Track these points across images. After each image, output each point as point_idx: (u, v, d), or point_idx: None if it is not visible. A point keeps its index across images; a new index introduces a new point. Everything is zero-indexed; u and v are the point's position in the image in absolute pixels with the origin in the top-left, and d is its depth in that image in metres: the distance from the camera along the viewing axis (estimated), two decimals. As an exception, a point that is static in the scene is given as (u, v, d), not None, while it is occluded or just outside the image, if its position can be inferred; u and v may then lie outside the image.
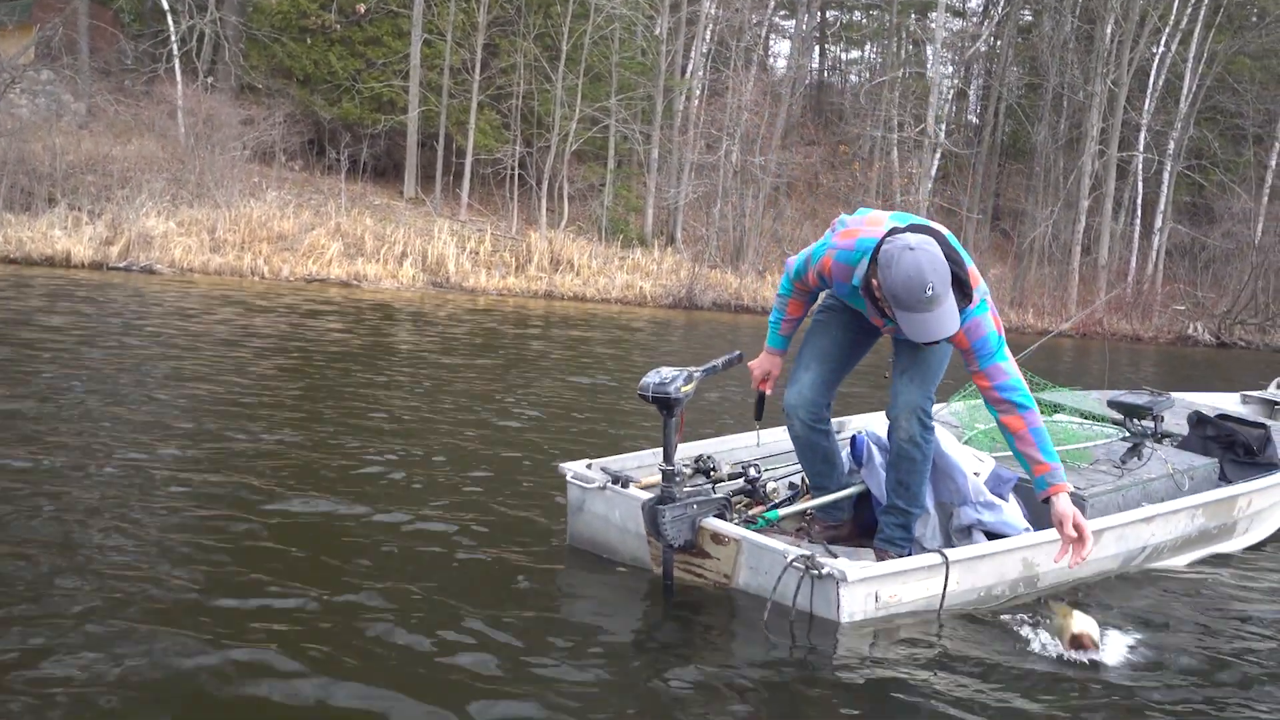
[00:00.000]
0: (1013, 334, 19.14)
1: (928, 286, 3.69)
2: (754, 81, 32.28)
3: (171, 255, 20.99)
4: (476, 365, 11.14)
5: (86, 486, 4.99)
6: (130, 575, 3.91)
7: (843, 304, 4.46)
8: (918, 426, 4.28)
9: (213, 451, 5.92)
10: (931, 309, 3.73)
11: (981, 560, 4.17)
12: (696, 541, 4.17)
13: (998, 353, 4.00)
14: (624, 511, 4.46)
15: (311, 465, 5.86)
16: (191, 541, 4.35)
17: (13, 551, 4.02)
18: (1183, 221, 36.25)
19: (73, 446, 5.71)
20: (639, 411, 8.34)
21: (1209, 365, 22.06)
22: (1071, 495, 4.45)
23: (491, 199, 30.08)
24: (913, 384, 4.29)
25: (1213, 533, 5.23)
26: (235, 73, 29.21)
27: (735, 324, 22.01)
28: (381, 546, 4.53)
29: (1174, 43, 34.92)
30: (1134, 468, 5.23)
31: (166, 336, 11.12)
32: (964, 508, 4.53)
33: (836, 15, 49.79)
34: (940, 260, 3.75)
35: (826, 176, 37.85)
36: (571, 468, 4.71)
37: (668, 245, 29.93)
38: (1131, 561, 4.83)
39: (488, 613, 3.81)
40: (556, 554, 4.65)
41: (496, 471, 6.09)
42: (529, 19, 29.56)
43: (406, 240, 24.27)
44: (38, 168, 22.65)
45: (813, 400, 4.47)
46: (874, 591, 3.89)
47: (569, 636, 3.70)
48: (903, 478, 4.36)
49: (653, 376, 4.07)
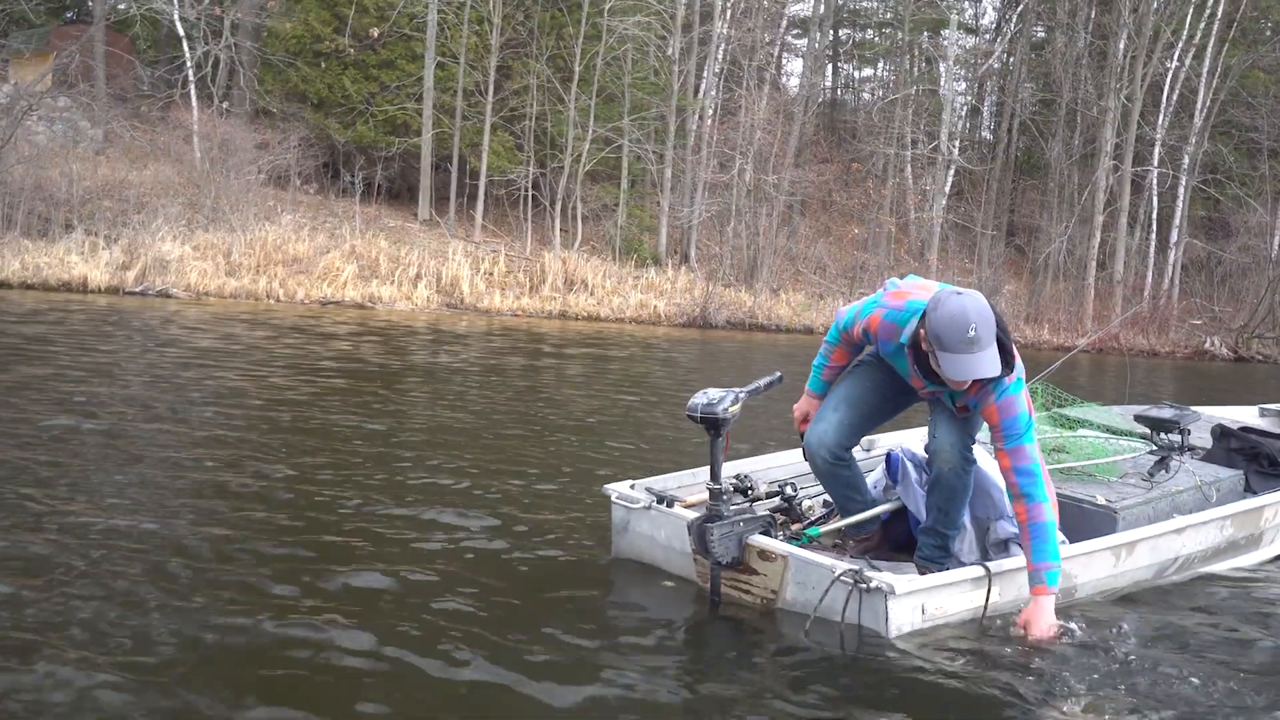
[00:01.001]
0: (1028, 350, 19.07)
1: (971, 327, 3.80)
2: (766, 100, 32.35)
3: (187, 279, 21.12)
4: (500, 384, 11.15)
5: (192, 499, 5.02)
6: (224, 579, 4.10)
7: (881, 362, 4.50)
8: (959, 459, 4.30)
9: (258, 465, 5.97)
10: (973, 350, 3.83)
11: (1022, 572, 4.19)
12: (744, 558, 4.21)
13: (1025, 434, 4.05)
14: (669, 531, 4.50)
15: (352, 479, 5.99)
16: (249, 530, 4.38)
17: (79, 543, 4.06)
18: (1198, 236, 36.10)
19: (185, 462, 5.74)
20: (672, 431, 8.43)
21: (1227, 379, 21.94)
22: (1103, 508, 4.65)
23: (505, 220, 30.18)
24: (954, 423, 4.30)
25: (1241, 543, 5.26)
26: (250, 97, 29.43)
27: (750, 342, 21.99)
28: (424, 559, 4.60)
29: (1188, 57, 34.83)
30: (1162, 480, 5.24)
31: (216, 355, 11.18)
32: (1000, 522, 4.57)
33: (849, 34, 49.89)
34: (986, 309, 3.87)
35: (840, 194, 37.84)
36: (616, 488, 4.76)
37: (681, 264, 29.96)
38: (1165, 572, 4.86)
39: (532, 627, 3.86)
40: (601, 570, 4.70)
41: (535, 490, 6.14)
42: (541, 41, 29.70)
43: (421, 262, 24.37)
44: (55, 194, 22.86)
45: (835, 443, 4.47)
46: (921, 604, 3.95)
47: (614, 647, 3.75)
48: (943, 504, 4.39)
49: (700, 398, 4.12)
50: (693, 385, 5.47)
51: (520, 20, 29.78)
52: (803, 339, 24.65)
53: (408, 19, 29.11)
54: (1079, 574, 4.43)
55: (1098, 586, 4.53)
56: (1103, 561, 4.54)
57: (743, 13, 35.52)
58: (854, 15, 49.03)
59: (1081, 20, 36.03)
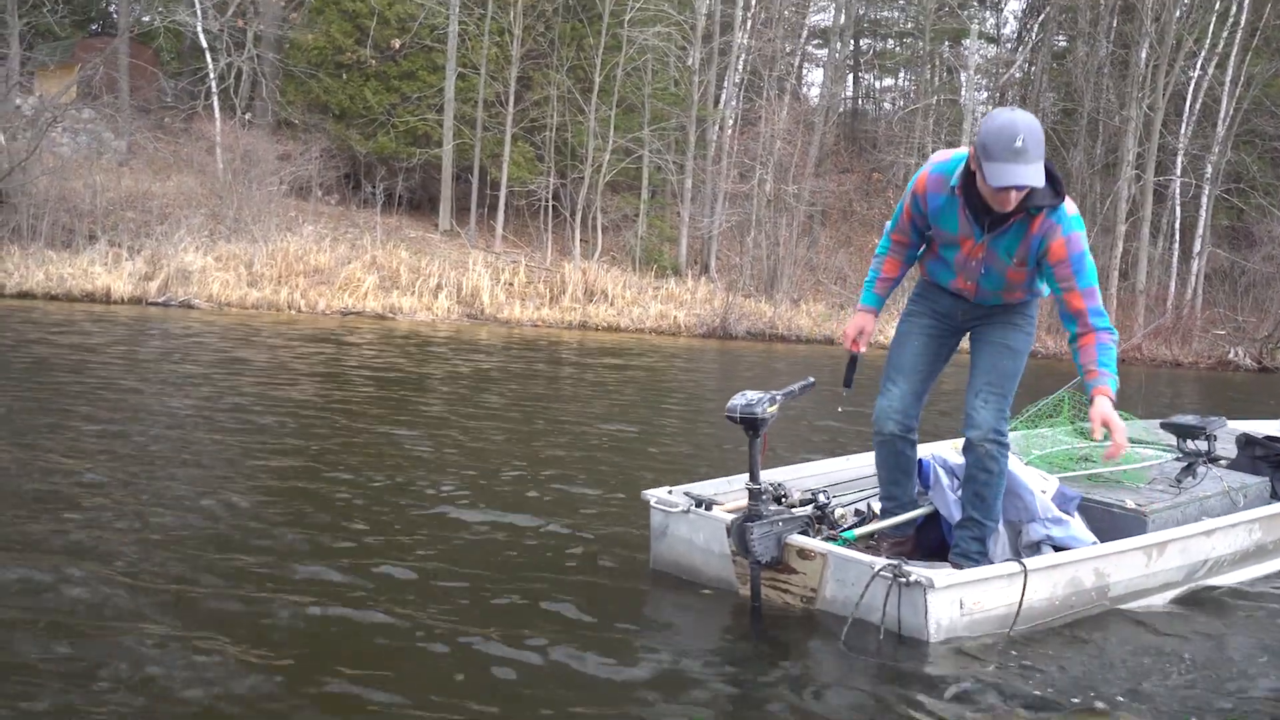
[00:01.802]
0: (1051, 360, 19.00)
1: (1019, 138, 3.85)
2: (787, 110, 32.33)
3: (209, 290, 21.23)
4: (528, 393, 11.17)
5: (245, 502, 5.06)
6: (271, 580, 4.22)
7: (924, 308, 4.62)
8: (994, 445, 4.40)
9: (297, 471, 6.00)
10: (1018, 161, 3.87)
11: (1057, 569, 4.31)
12: (783, 558, 4.27)
13: (1094, 275, 4.15)
14: (708, 534, 4.55)
15: (400, 483, 6.16)
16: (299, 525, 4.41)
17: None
18: (1222, 245, 35.88)
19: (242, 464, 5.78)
20: (704, 439, 8.55)
21: (1251, 390, 21.79)
22: (1133, 512, 4.85)
23: (526, 231, 30.23)
24: (988, 406, 4.40)
25: (1269, 548, 5.34)
26: (272, 108, 29.59)
27: (770, 352, 21.96)
28: (462, 564, 4.70)
29: (1210, 66, 34.66)
30: (1189, 486, 5.33)
31: (254, 365, 11.24)
32: (1032, 524, 4.67)
33: (870, 43, 49.84)
34: (1037, 126, 3.92)
35: (860, 204, 37.79)
36: (654, 494, 4.81)
37: (702, 275, 29.95)
38: (1194, 575, 4.92)
39: (573, 630, 3.93)
40: (640, 577, 4.75)
41: (570, 496, 6.24)
42: (562, 52, 29.77)
43: (441, 272, 24.43)
44: (79, 205, 23.01)
45: (903, 410, 4.61)
46: (959, 598, 4.01)
47: (654, 652, 3.80)
48: (979, 490, 4.46)
49: (739, 399, 4.20)
50: (722, 392, 5.54)
51: (541, 31, 29.87)
52: (823, 349, 24.60)
53: (429, 30, 29.23)
54: (1112, 573, 4.49)
55: (1130, 586, 4.59)
56: (1135, 561, 4.60)
57: (763, 23, 35.54)
58: (875, 25, 48.94)
59: (1103, 29, 35.89)
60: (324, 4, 29.59)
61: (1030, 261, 4.20)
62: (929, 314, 4.63)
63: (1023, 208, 4.08)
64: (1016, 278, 4.28)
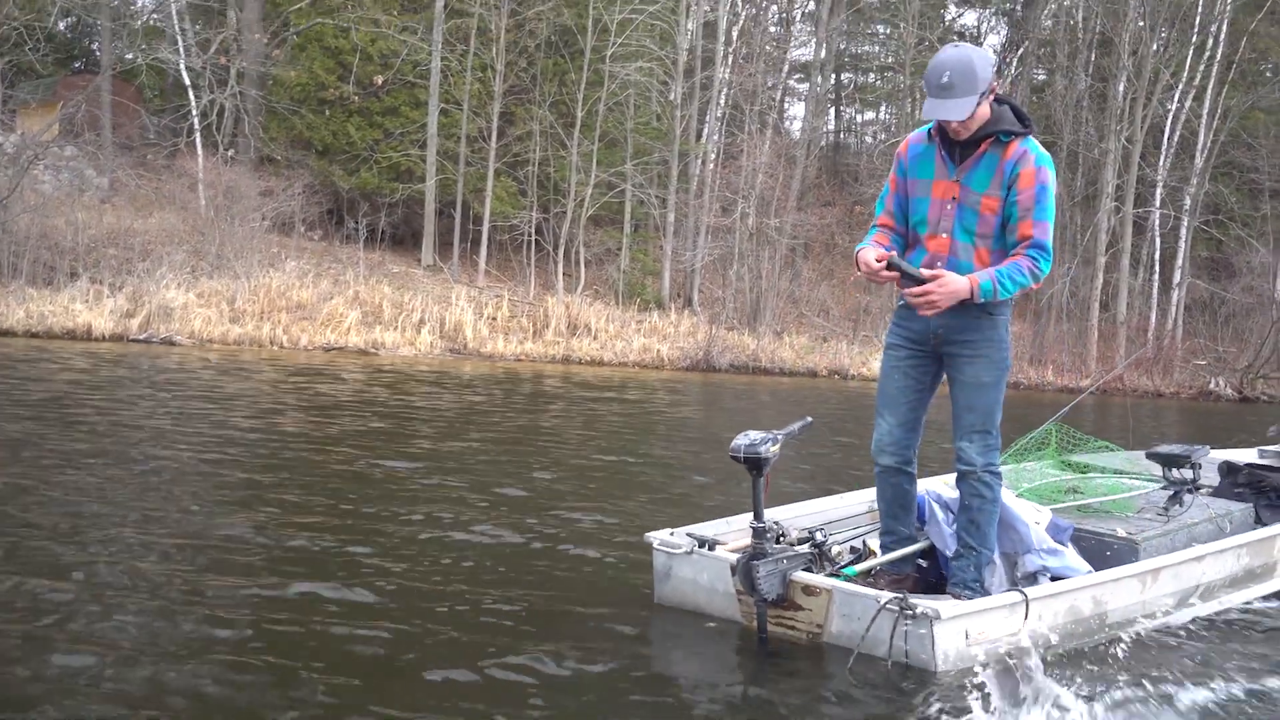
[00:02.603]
0: (1032, 391, 19.08)
1: (944, 74, 4.24)
2: (769, 144, 32.50)
3: (191, 326, 21.17)
4: (517, 427, 11.15)
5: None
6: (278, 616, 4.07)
7: (900, 338, 4.71)
8: (986, 474, 4.54)
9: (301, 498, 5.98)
10: (943, 97, 4.26)
11: (1057, 598, 4.39)
12: (788, 595, 4.31)
13: (1050, 213, 4.36)
14: (712, 574, 4.59)
15: (401, 517, 6.16)
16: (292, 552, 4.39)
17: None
18: (1201, 276, 36.15)
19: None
20: (695, 476, 8.52)
21: (1232, 420, 21.88)
22: (1125, 540, 5.01)
23: (509, 265, 30.27)
24: (974, 444, 4.53)
25: (1256, 572, 5.43)
26: (255, 145, 29.62)
27: (753, 385, 21.99)
28: (461, 596, 4.64)
29: (1188, 99, 35.03)
30: (1177, 514, 5.47)
31: (247, 400, 11.19)
32: (1028, 555, 4.77)
33: (851, 77, 50.22)
34: (967, 62, 4.27)
35: (842, 237, 37.90)
36: (657, 536, 4.83)
37: (685, 308, 30.02)
38: (1186, 601, 5.00)
39: (578, 667, 3.94)
40: (644, 611, 4.77)
41: (569, 529, 6.29)
42: (544, 87, 29.92)
43: (424, 307, 24.43)
44: (60, 242, 22.96)
45: (896, 442, 4.72)
46: (965, 629, 4.06)
47: (661, 683, 3.87)
48: (974, 517, 4.56)
49: (743, 439, 4.27)
50: (710, 425, 5.57)
51: (523, 67, 30.01)
52: (806, 382, 24.66)
53: (411, 66, 29.34)
54: (1109, 600, 4.58)
55: (1126, 613, 4.66)
56: (1129, 588, 4.68)
57: (744, 58, 35.80)
58: (856, 59, 49.37)
59: (1081, 63, 36.25)
60: (307, 40, 29.69)
61: (1002, 188, 4.37)
62: (905, 344, 4.70)
63: (991, 135, 4.38)
64: (989, 211, 4.41)
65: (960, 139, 4.42)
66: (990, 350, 4.52)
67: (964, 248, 4.46)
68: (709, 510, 6.32)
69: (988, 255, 4.44)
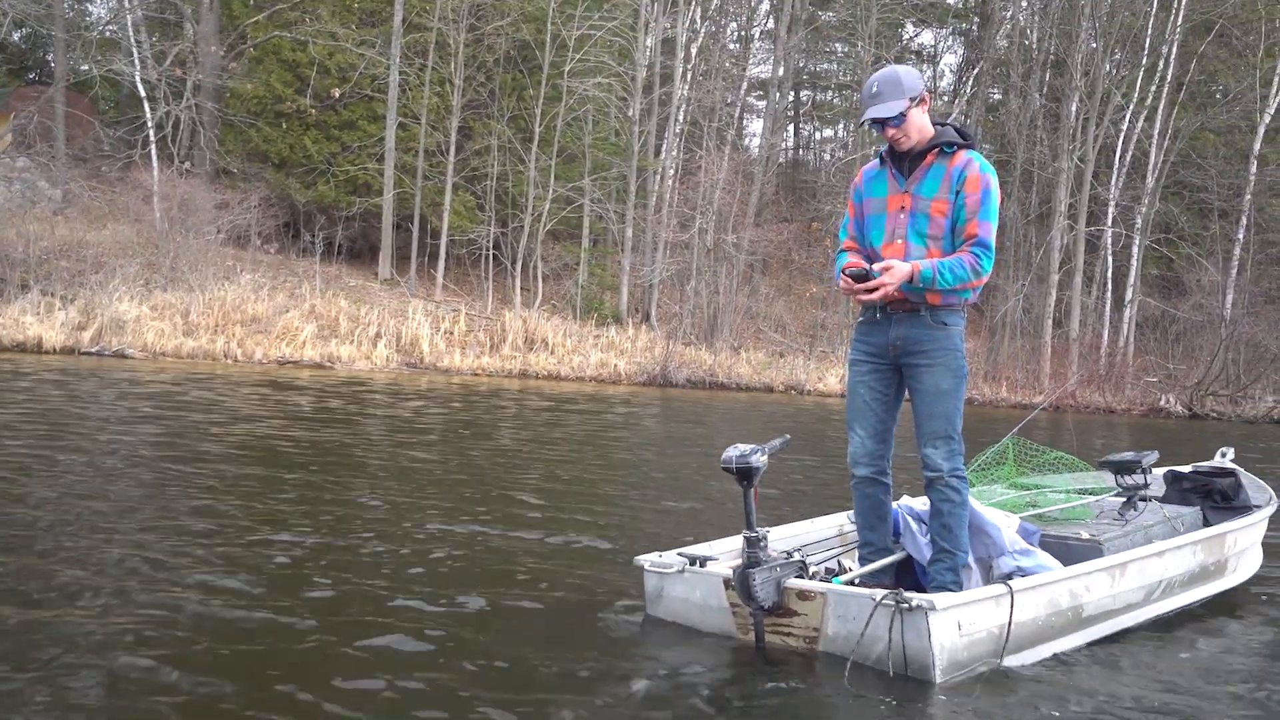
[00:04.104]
0: (986, 408, 19.20)
1: (873, 85, 4.79)
2: (727, 160, 32.68)
3: (144, 339, 21.02)
4: (478, 442, 11.12)
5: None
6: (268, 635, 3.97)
7: (861, 353, 4.95)
8: (952, 478, 4.74)
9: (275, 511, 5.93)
10: (873, 103, 4.76)
11: (1038, 589, 4.57)
12: (783, 602, 4.41)
13: (994, 215, 4.70)
14: (705, 590, 4.65)
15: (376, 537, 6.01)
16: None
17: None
18: (1153, 294, 36.62)
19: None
20: (668, 493, 8.51)
21: (1182, 436, 22.16)
22: (1089, 542, 5.24)
23: (467, 279, 30.26)
24: (938, 450, 4.74)
25: (1210, 570, 5.70)
26: (211, 157, 29.47)
27: (711, 400, 22.06)
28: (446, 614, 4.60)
29: (1139, 120, 35.54)
30: (1132, 518, 5.76)
31: (217, 416, 11.10)
32: (1001, 558, 4.94)
33: (810, 95, 50.59)
34: (892, 73, 4.81)
35: (799, 253, 38.19)
36: (647, 558, 4.88)
37: (642, 323, 30.09)
38: (1151, 596, 5.22)
39: (570, 682, 3.97)
40: (636, 625, 4.80)
41: (552, 541, 6.32)
42: (503, 102, 29.98)
43: (380, 321, 24.37)
44: (10, 254, 22.72)
45: (869, 454, 4.92)
46: (957, 620, 4.19)
47: (658, 701, 3.86)
48: (945, 521, 4.75)
49: (733, 451, 4.42)
50: (673, 439, 5.57)
51: (481, 81, 30.05)
52: (762, 397, 24.76)
53: (369, 80, 29.32)
54: (1083, 594, 4.77)
55: (1099, 606, 4.86)
56: (1101, 582, 4.88)
57: (703, 74, 36.00)
58: (814, 77, 49.77)
59: (1035, 83, 36.71)
60: (264, 53, 29.60)
61: (950, 193, 4.70)
62: (866, 359, 4.91)
63: (935, 147, 4.77)
64: (939, 214, 4.72)
65: (904, 148, 4.80)
66: (946, 358, 4.73)
67: (917, 249, 4.71)
68: (684, 524, 6.50)
69: (939, 255, 4.70)
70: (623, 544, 6.23)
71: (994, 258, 4.71)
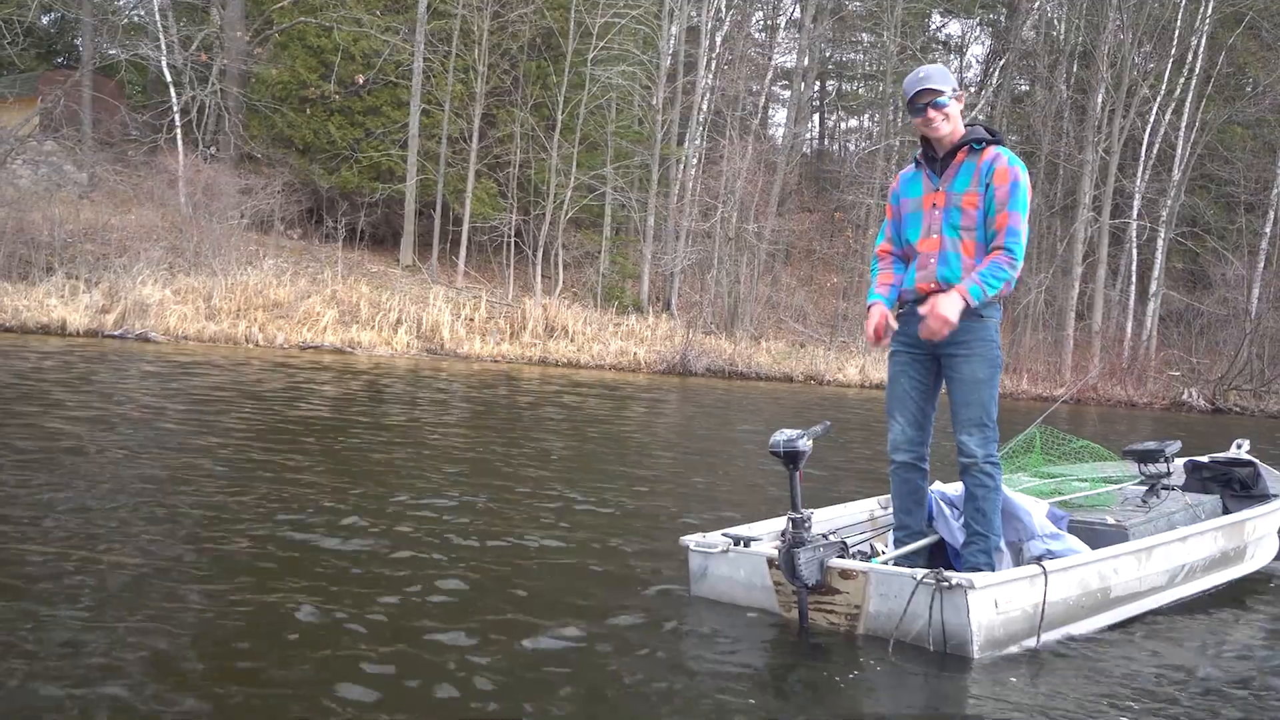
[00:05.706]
0: (1006, 400, 19.09)
1: (920, 72, 4.97)
2: (750, 150, 32.63)
3: (167, 323, 21.15)
4: (507, 430, 11.18)
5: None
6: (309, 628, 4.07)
7: (900, 344, 5.15)
8: (986, 464, 4.92)
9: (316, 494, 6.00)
10: (924, 84, 4.90)
11: (1070, 571, 4.76)
12: (826, 580, 4.57)
13: (1023, 206, 4.85)
14: (749, 569, 4.84)
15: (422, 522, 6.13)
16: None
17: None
18: (1177, 288, 36.42)
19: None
20: (696, 476, 8.57)
21: (1204, 431, 22.04)
22: (1115, 527, 5.47)
23: (488, 266, 30.33)
24: (973, 437, 4.91)
25: (1230, 555, 5.88)
26: (235, 142, 29.60)
27: (730, 389, 22.06)
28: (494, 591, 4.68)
29: (1166, 112, 35.29)
30: (1156, 505, 5.98)
31: (261, 398, 11.20)
32: (1031, 541, 5.14)
33: (835, 84, 50.43)
34: (941, 69, 4.99)
35: (821, 243, 38.13)
36: (692, 538, 5.05)
37: (663, 312, 30.10)
38: (1175, 580, 5.42)
39: (615, 662, 4.05)
40: (681, 604, 4.94)
41: (589, 523, 6.43)
42: (526, 89, 29.99)
43: (401, 307, 24.44)
44: (36, 237, 22.89)
45: (912, 438, 5.12)
46: (994, 598, 4.37)
47: (702, 677, 3.96)
48: (979, 505, 4.93)
49: (780, 435, 4.61)
50: (691, 427, 5.61)
51: (505, 69, 30.08)
52: (782, 387, 24.75)
53: (394, 67, 29.37)
54: (1111, 576, 4.96)
55: (1127, 589, 5.06)
56: (1129, 565, 5.08)
57: (727, 63, 35.93)
58: (840, 67, 49.59)
59: (1061, 75, 36.51)
60: (289, 39, 29.70)
61: (981, 185, 4.88)
62: (905, 349, 5.13)
63: (966, 145, 4.94)
64: (971, 206, 4.90)
65: (939, 134, 4.97)
66: (983, 349, 4.92)
67: (951, 242, 4.94)
68: (725, 504, 6.59)
69: (972, 246, 4.90)
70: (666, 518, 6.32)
71: (1025, 247, 4.87)
